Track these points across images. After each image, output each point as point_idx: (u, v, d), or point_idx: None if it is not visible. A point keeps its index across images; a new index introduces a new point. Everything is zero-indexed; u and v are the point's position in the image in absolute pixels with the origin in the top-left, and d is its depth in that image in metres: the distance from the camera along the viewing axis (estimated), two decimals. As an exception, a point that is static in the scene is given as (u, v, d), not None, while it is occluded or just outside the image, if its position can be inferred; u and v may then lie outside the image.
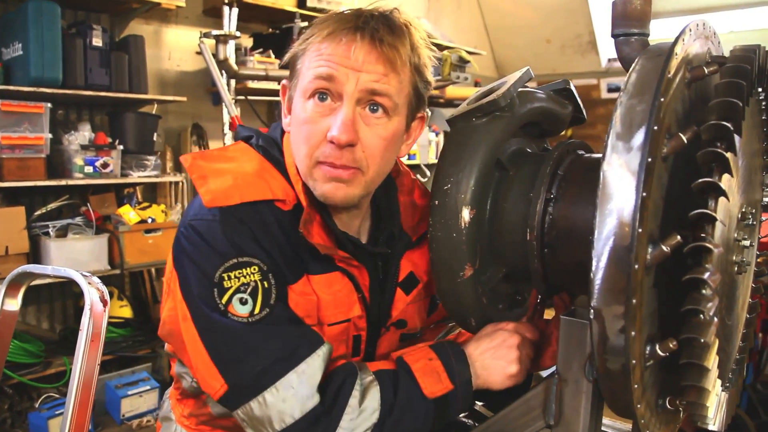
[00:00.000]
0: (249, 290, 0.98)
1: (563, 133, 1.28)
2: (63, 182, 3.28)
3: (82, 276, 1.47)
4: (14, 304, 1.63)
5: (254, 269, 0.99)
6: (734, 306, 1.04)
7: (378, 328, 1.20)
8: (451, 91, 4.82)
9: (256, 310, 0.98)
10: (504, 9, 6.40)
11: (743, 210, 0.99)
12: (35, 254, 3.32)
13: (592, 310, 0.83)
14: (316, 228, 1.07)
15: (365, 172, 1.05)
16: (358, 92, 1.01)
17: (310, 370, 0.98)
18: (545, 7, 6.04)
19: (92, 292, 1.44)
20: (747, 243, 1.00)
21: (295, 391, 0.96)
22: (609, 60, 6.32)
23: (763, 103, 1.06)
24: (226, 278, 0.98)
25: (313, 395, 0.97)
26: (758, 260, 1.23)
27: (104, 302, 1.46)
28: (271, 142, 1.14)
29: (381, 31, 1.01)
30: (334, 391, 0.98)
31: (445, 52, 3.35)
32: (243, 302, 0.98)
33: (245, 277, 0.98)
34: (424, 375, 1.03)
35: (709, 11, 5.61)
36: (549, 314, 1.21)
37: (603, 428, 1.33)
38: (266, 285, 0.99)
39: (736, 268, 0.99)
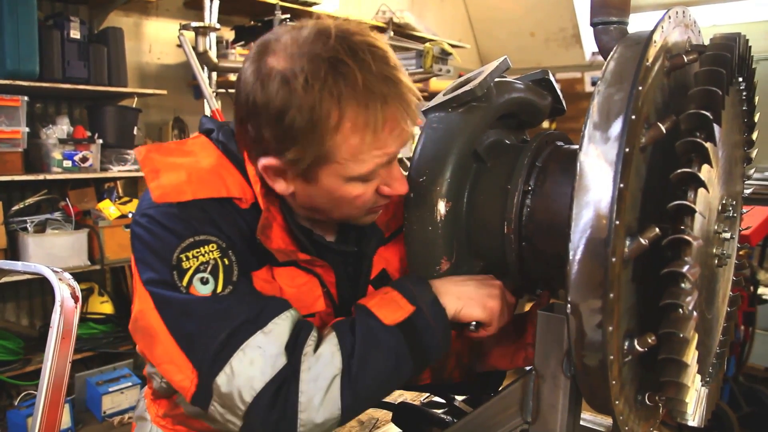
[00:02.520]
0: (209, 269, 0.93)
1: (548, 125, 1.26)
2: (41, 177, 3.23)
3: (53, 272, 1.44)
4: (-16, 302, 1.58)
5: (212, 247, 0.95)
6: (714, 299, 1.03)
7: None
8: (435, 84, 4.80)
9: (219, 289, 0.94)
10: (488, 2, 6.38)
11: (724, 202, 0.98)
12: (13, 250, 3.26)
13: (568, 305, 0.81)
14: (276, 231, 1.03)
15: None
16: None
17: (278, 329, 0.93)
18: (529, 0, 6.03)
19: (63, 288, 1.41)
20: (727, 235, 0.98)
21: (263, 350, 0.90)
22: (593, 53, 6.31)
23: (744, 93, 1.04)
24: (184, 258, 0.93)
25: (282, 354, 0.91)
26: (740, 253, 1.22)
27: (75, 298, 1.43)
28: (231, 135, 1.07)
29: (403, 86, 0.93)
30: (291, 345, 0.93)
31: (427, 44, 3.31)
32: (204, 282, 0.93)
33: (203, 255, 0.94)
34: (380, 307, 0.98)
35: (691, 5, 5.62)
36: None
37: (584, 424, 1.32)
38: (227, 262, 0.95)
39: (716, 261, 0.97)
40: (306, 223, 1.09)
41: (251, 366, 0.90)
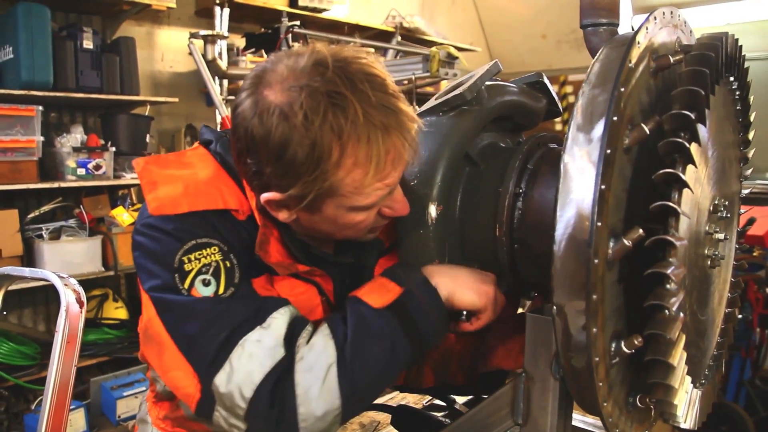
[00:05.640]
0: (211, 270, 0.94)
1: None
2: (56, 185, 3.28)
3: (59, 277, 1.46)
4: (-6, 307, 1.62)
5: (214, 249, 0.96)
6: (709, 301, 1.02)
7: None
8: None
9: (221, 290, 0.94)
10: (499, 5, 6.37)
11: (716, 202, 0.97)
12: (29, 257, 3.32)
13: (554, 306, 0.81)
14: (273, 245, 1.03)
15: None
16: None
17: (276, 323, 0.93)
18: (539, 3, 6.01)
19: (68, 294, 1.43)
20: (721, 236, 0.98)
21: (261, 343, 0.91)
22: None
23: (737, 93, 1.04)
24: (186, 261, 0.94)
25: (280, 345, 0.92)
26: (753, 254, 1.21)
27: (80, 303, 1.45)
28: (228, 147, 1.05)
29: (403, 114, 0.92)
30: (288, 337, 0.93)
31: (433, 48, 3.31)
32: (206, 283, 0.94)
33: (206, 257, 0.95)
34: (369, 294, 0.98)
35: (704, 4, 5.56)
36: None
37: (582, 426, 1.32)
38: (228, 264, 0.96)
39: (708, 262, 0.97)
40: (305, 237, 1.08)
41: (250, 360, 0.90)
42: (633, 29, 0.88)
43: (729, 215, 1.02)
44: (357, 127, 0.87)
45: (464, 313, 1.02)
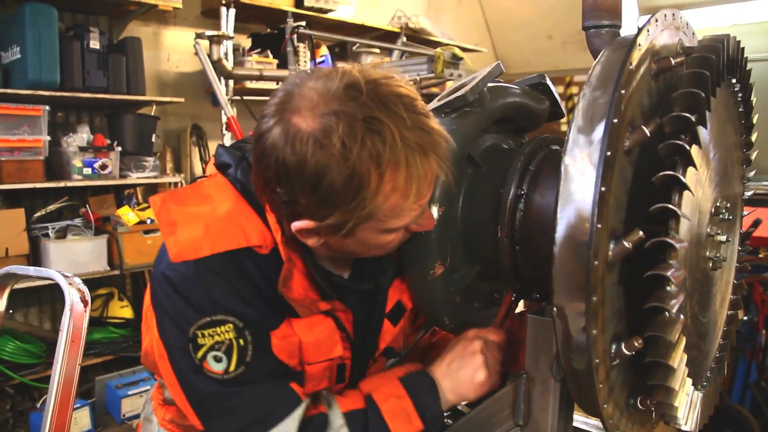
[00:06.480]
0: (224, 348, 0.95)
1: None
2: (62, 184, 3.30)
3: (63, 276, 1.48)
4: (-1, 305, 1.64)
5: (228, 327, 0.95)
6: (711, 303, 1.02)
7: (365, 359, 1.16)
8: (452, 89, 4.78)
9: (231, 368, 0.95)
10: (505, 5, 6.36)
11: (717, 204, 0.97)
12: (35, 256, 3.34)
13: (555, 308, 0.81)
14: (296, 279, 1.01)
15: None
16: None
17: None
18: (545, 3, 5.99)
19: (72, 293, 1.45)
20: (723, 238, 0.98)
21: None
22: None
23: (739, 95, 1.03)
24: (200, 335, 0.94)
25: None
26: (759, 255, 1.20)
27: (85, 302, 1.46)
28: (249, 173, 1.00)
29: (436, 134, 0.90)
30: None
31: (438, 49, 3.31)
32: (218, 360, 0.95)
33: (219, 335, 0.94)
34: (393, 417, 1.01)
35: (710, 5, 5.54)
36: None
37: (585, 427, 1.32)
38: (242, 342, 0.95)
39: (710, 264, 0.97)
40: (326, 263, 1.07)
41: None
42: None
43: (731, 217, 1.02)
44: (395, 153, 0.85)
45: None
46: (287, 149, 0.85)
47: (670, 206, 0.76)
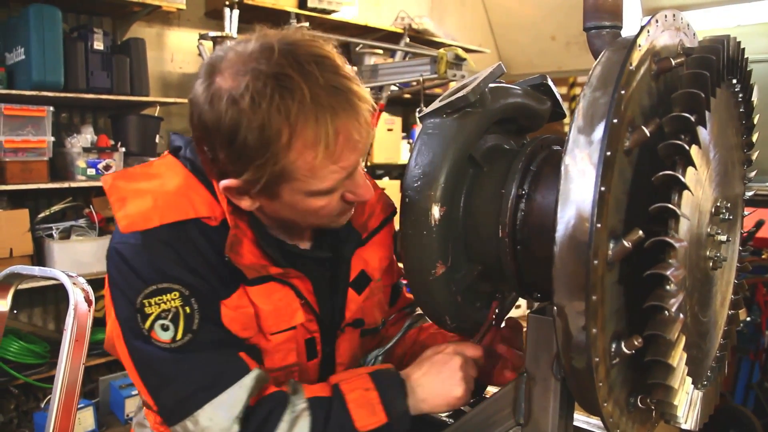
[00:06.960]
0: (170, 316, 0.96)
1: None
2: (66, 185, 3.31)
3: (68, 276, 1.48)
4: (3, 305, 1.64)
5: (174, 295, 0.97)
6: (711, 302, 1.02)
7: (333, 330, 1.17)
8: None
9: (178, 336, 0.96)
10: (508, 6, 6.36)
11: (718, 204, 0.97)
12: (39, 256, 3.35)
13: (555, 307, 0.82)
14: (246, 246, 1.03)
15: None
16: None
17: (230, 400, 0.96)
18: (549, 4, 5.99)
19: (77, 293, 1.45)
20: (723, 238, 0.98)
21: (213, 422, 0.95)
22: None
23: (740, 95, 1.04)
24: (147, 305, 0.96)
25: (232, 426, 0.95)
26: (762, 256, 1.21)
27: (89, 302, 1.47)
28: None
29: (353, 94, 0.93)
30: (258, 421, 0.96)
31: (441, 50, 3.31)
32: (165, 328, 0.96)
33: (165, 303, 0.96)
34: (358, 407, 1.00)
35: (714, 5, 5.53)
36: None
37: (586, 426, 1.32)
38: (188, 310, 0.97)
39: (710, 264, 0.97)
40: (279, 233, 1.09)
41: None
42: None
43: (732, 217, 1.02)
44: (304, 108, 0.89)
45: None
46: (206, 107, 0.92)
47: (670, 206, 0.77)
